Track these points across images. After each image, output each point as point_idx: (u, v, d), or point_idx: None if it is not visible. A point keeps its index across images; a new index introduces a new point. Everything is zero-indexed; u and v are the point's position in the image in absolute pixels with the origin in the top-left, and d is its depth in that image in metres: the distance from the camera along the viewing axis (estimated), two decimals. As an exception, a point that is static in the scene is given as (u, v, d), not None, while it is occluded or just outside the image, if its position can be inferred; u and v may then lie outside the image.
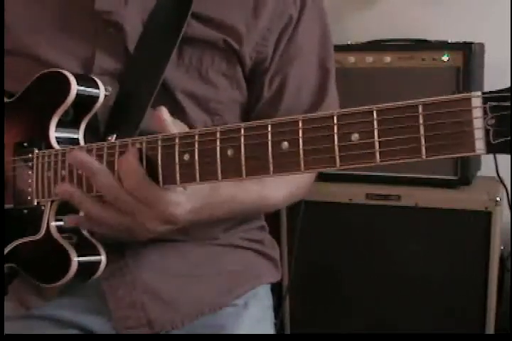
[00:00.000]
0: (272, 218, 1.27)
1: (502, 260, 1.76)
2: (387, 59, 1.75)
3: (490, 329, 1.70)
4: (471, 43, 1.69)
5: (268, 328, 1.12)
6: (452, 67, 1.69)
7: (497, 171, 1.79)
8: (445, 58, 1.70)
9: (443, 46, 1.72)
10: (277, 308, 1.74)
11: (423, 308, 1.75)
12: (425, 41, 1.79)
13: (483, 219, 1.67)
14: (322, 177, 1.80)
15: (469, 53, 1.67)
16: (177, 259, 1.01)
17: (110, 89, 0.92)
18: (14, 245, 0.91)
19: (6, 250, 0.91)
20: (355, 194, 1.78)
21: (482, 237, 1.67)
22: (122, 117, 0.92)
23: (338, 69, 1.09)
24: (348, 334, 1.81)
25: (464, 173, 1.73)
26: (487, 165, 1.84)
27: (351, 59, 1.78)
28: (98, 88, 0.89)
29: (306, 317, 1.88)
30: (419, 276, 1.74)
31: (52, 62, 0.93)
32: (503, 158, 1.80)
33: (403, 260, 1.75)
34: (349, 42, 1.84)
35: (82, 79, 0.88)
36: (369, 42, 1.85)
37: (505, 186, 1.79)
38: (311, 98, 1.04)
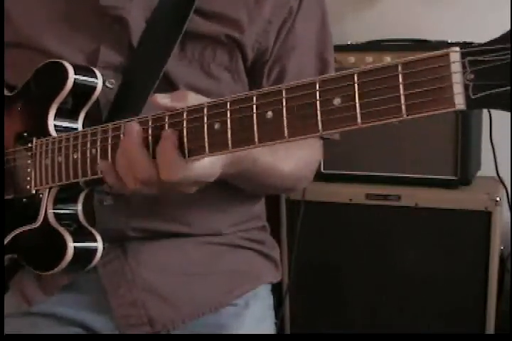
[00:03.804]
0: (272, 218, 1.26)
1: (502, 260, 1.76)
2: (387, 59, 1.75)
3: (490, 329, 1.69)
4: (471, 43, 1.68)
5: (268, 328, 1.12)
6: (452, 67, 1.69)
7: (497, 171, 1.79)
8: (445, 58, 1.69)
9: (443, 46, 1.71)
10: (277, 308, 1.73)
11: (423, 308, 1.75)
12: (425, 41, 1.78)
13: (483, 219, 1.66)
14: (322, 177, 1.80)
15: (469, 53, 1.67)
16: (178, 258, 1.02)
17: (113, 81, 0.93)
18: (14, 235, 0.91)
19: (6, 240, 0.92)
20: (355, 194, 1.78)
21: (482, 237, 1.66)
22: (123, 108, 0.92)
23: (338, 69, 1.08)
24: (348, 334, 1.81)
25: (464, 173, 1.73)
26: (487, 165, 1.84)
27: (351, 59, 1.78)
28: (96, 78, 0.90)
29: (306, 317, 1.88)
30: (419, 276, 1.74)
31: (58, 55, 0.94)
32: (503, 158, 1.80)
33: (403, 260, 1.75)
34: (349, 42, 1.84)
35: (79, 69, 0.89)
36: (369, 42, 1.84)
37: (505, 186, 1.79)
38: None
